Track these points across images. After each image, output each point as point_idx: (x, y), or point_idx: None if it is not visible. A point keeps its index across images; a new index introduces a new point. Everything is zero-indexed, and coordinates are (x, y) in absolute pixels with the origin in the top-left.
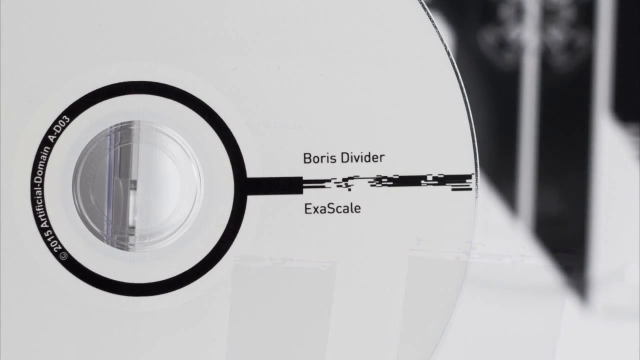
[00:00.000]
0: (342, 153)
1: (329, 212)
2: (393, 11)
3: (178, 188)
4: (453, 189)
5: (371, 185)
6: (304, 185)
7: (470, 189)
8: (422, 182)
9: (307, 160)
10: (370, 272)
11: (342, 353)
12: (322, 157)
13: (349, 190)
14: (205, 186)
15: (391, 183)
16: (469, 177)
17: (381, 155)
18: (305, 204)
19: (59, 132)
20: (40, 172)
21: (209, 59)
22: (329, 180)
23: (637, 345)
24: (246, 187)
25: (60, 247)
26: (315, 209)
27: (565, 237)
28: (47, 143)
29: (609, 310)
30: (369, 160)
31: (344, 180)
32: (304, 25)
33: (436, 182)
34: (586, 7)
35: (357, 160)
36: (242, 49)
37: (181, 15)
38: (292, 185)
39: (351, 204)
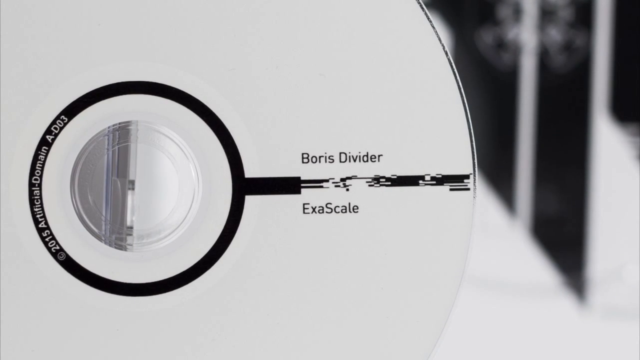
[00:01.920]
0: (340, 153)
1: (327, 212)
2: (391, 11)
3: (176, 188)
4: (451, 189)
5: (369, 185)
6: (302, 185)
7: (468, 189)
8: (420, 182)
9: (305, 160)
10: (368, 272)
11: (341, 353)
12: (320, 157)
13: (347, 190)
14: (203, 186)
15: (389, 183)
16: (467, 177)
17: (379, 155)
18: (304, 204)
19: (57, 132)
20: (38, 172)
21: (207, 59)
22: (327, 180)
23: (636, 345)
24: (244, 187)
25: (58, 247)
26: (313, 209)
27: (563, 237)
28: (45, 143)
29: (607, 310)
30: (367, 160)
31: (342, 180)
32: (303, 25)
33: (434, 182)
34: (584, 7)
35: (355, 160)
36: (241, 49)
37: (179, 15)
38: (290, 185)
39: (349, 204)
